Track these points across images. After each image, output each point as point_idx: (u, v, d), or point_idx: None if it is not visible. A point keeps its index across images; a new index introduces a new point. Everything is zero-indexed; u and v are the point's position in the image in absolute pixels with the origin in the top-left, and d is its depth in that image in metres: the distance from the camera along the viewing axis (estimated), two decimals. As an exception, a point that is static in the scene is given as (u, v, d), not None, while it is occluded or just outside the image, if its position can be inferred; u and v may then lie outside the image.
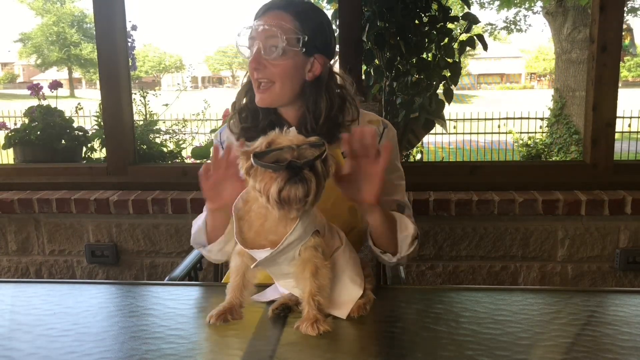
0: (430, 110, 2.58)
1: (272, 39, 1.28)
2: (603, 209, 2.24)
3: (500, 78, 35.88)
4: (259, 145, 0.99)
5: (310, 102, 1.34)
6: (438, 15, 2.59)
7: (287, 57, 1.29)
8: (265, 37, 1.28)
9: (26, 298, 1.22)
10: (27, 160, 2.74)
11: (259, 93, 1.32)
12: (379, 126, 1.41)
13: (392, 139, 1.44)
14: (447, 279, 2.39)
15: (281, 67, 1.30)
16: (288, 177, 0.94)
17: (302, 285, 1.03)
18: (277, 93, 1.32)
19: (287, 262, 1.04)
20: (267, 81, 1.31)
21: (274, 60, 1.29)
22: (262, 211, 1.01)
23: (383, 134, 1.41)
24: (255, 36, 1.30)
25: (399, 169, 1.44)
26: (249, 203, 1.04)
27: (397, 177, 1.42)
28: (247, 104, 1.40)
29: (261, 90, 1.32)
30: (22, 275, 2.56)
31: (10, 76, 37.38)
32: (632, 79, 28.15)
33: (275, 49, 1.28)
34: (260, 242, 1.02)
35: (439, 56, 2.59)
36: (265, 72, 1.30)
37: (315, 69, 1.33)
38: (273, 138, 0.99)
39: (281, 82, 1.31)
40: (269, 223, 1.01)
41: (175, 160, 2.99)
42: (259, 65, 1.29)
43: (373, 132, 1.14)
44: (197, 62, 41.46)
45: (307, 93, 1.34)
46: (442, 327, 0.99)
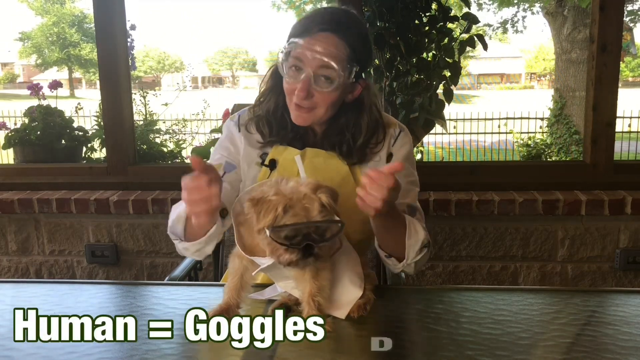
0: (430, 110, 2.58)
1: (325, 69, 1.21)
2: (603, 209, 2.24)
3: (500, 78, 35.87)
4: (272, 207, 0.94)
5: (351, 124, 1.31)
6: (438, 15, 2.59)
7: (337, 89, 1.24)
8: (317, 66, 1.21)
9: (26, 298, 1.22)
10: (27, 160, 2.74)
11: (300, 113, 1.26)
12: (395, 129, 1.38)
13: (407, 144, 1.40)
14: (447, 279, 2.39)
15: (330, 96, 1.25)
16: (302, 255, 0.95)
17: (302, 286, 1.03)
18: (319, 116, 1.27)
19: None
20: (310, 107, 1.25)
21: (325, 90, 1.23)
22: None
23: (398, 137, 1.39)
24: (305, 61, 1.22)
25: (412, 174, 1.41)
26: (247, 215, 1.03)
27: (409, 181, 1.39)
28: (274, 112, 1.33)
29: (304, 111, 1.25)
30: (22, 275, 2.56)
31: (10, 76, 37.38)
32: (632, 79, 28.15)
33: (327, 80, 1.22)
34: (261, 252, 1.02)
35: (439, 56, 2.59)
36: (311, 100, 1.24)
37: (355, 92, 1.30)
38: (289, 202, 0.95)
39: (325, 107, 1.26)
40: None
41: (175, 160, 2.98)
42: (308, 94, 1.23)
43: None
44: (197, 62, 41.49)
45: (347, 114, 1.30)
46: (442, 327, 0.99)
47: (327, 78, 1.22)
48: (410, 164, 1.40)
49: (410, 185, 1.39)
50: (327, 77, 1.22)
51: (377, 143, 1.34)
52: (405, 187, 1.36)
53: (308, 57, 1.21)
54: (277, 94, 1.33)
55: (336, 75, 1.22)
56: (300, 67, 1.22)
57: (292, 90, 1.25)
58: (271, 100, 1.33)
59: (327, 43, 1.21)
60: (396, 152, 1.38)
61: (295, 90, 1.23)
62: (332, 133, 1.32)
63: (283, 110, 1.31)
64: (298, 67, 1.23)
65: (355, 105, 1.31)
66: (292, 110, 1.28)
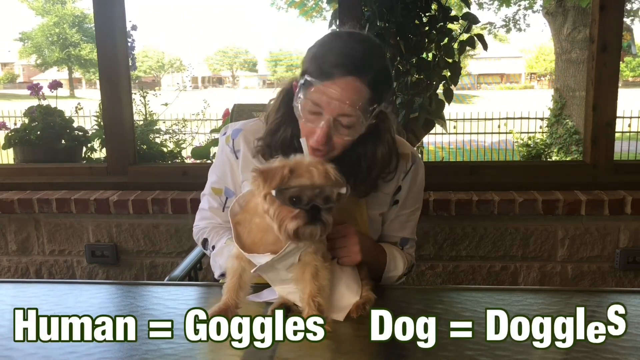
0: (430, 110, 2.58)
1: (345, 117, 1.15)
2: (603, 209, 2.24)
3: (500, 78, 35.88)
4: (278, 171, 0.96)
5: (368, 155, 1.25)
6: (438, 15, 2.59)
7: (357, 132, 1.18)
8: (337, 114, 1.14)
9: (26, 298, 1.22)
10: (27, 160, 2.74)
11: (316, 154, 1.15)
12: (407, 162, 1.35)
13: (417, 176, 1.38)
14: (447, 279, 2.39)
15: (349, 141, 1.19)
16: (308, 219, 0.95)
17: (301, 286, 1.03)
18: (335, 156, 1.20)
19: (286, 269, 1.04)
20: (328, 149, 1.19)
21: (344, 136, 1.18)
22: (264, 225, 1.01)
23: (409, 172, 1.36)
24: (325, 108, 1.14)
25: (418, 201, 1.41)
26: (249, 213, 1.04)
27: (411, 212, 1.40)
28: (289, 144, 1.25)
29: (320, 154, 1.17)
30: (22, 275, 2.56)
31: (10, 76, 37.38)
32: (632, 79, 28.14)
33: (347, 127, 1.16)
34: (259, 249, 1.02)
35: (439, 56, 2.59)
36: (329, 144, 1.18)
37: (372, 122, 1.21)
38: (294, 166, 0.97)
39: (342, 149, 1.21)
40: (270, 236, 1.01)
41: (175, 160, 2.98)
42: (329, 141, 1.16)
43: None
44: (197, 62, 41.50)
45: (363, 144, 1.24)
46: (442, 327, 0.99)
47: (348, 126, 1.16)
48: (417, 192, 1.40)
49: (411, 216, 1.41)
50: (348, 125, 1.16)
51: (390, 172, 1.31)
52: (404, 221, 1.40)
53: (328, 105, 1.14)
54: (289, 124, 1.26)
55: (357, 122, 1.16)
56: (319, 112, 1.16)
57: (310, 132, 1.18)
58: (284, 131, 1.27)
59: (347, 90, 1.13)
60: (404, 186, 1.37)
61: (313, 133, 1.17)
62: (346, 163, 1.22)
63: (296, 139, 1.24)
64: (316, 112, 1.16)
65: (371, 135, 1.24)
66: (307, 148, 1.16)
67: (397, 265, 1.33)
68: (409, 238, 1.42)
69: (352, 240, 1.16)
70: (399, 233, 1.40)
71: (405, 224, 1.40)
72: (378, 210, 1.35)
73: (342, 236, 1.16)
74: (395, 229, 1.39)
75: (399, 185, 1.36)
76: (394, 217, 1.39)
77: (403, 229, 1.40)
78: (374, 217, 1.35)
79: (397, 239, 1.40)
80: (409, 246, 1.42)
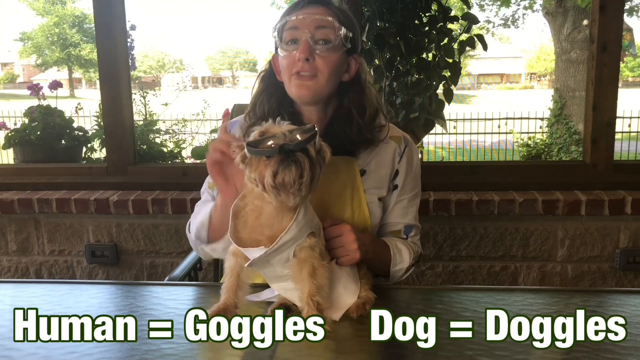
0: (430, 110, 2.58)
1: (322, 29, 1.24)
2: (603, 209, 2.24)
3: (500, 78, 35.88)
4: (253, 136, 0.99)
5: (355, 102, 1.30)
6: (438, 15, 2.59)
7: (335, 52, 1.25)
8: (315, 28, 1.24)
9: (26, 298, 1.22)
10: (27, 160, 2.74)
11: (303, 81, 1.24)
12: (399, 144, 1.38)
13: (413, 158, 1.40)
14: (447, 279, 2.39)
15: (330, 60, 1.25)
16: (281, 160, 0.94)
17: (300, 285, 1.03)
18: (321, 86, 1.25)
19: (281, 264, 1.04)
20: (311, 74, 1.24)
21: (324, 53, 1.24)
22: (258, 204, 1.01)
23: (404, 154, 1.38)
24: (301, 27, 1.24)
25: (416, 186, 1.42)
26: (245, 198, 1.04)
27: (411, 197, 1.41)
28: (272, 114, 1.27)
29: (306, 79, 1.24)
30: (22, 275, 2.56)
31: (10, 76, 37.39)
32: (632, 79, 28.14)
33: (326, 43, 1.24)
34: (255, 237, 1.02)
35: (439, 56, 2.59)
36: (313, 64, 1.23)
37: (351, 70, 1.31)
38: (267, 128, 1.00)
39: (327, 75, 1.25)
40: (264, 217, 1.01)
41: (175, 160, 2.99)
42: (311, 55, 1.23)
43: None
44: (197, 62, 41.50)
45: (349, 94, 1.31)
46: (442, 327, 0.99)
47: (325, 41, 1.24)
48: (415, 176, 1.41)
49: (412, 202, 1.41)
50: (325, 40, 1.24)
51: (382, 127, 1.34)
52: (405, 206, 1.40)
53: (304, 21, 1.24)
54: (270, 94, 1.33)
55: (333, 35, 1.24)
56: (297, 37, 1.24)
57: (292, 61, 1.25)
58: (265, 102, 1.33)
59: (318, 11, 1.25)
60: (401, 169, 1.38)
61: (295, 60, 1.24)
62: (339, 117, 1.31)
63: (280, 110, 1.30)
64: (294, 40, 1.25)
65: (353, 84, 1.32)
66: (293, 86, 1.26)
67: (403, 257, 1.32)
68: (412, 225, 1.40)
69: (349, 239, 1.16)
70: (402, 219, 1.39)
71: (407, 209, 1.39)
72: (377, 193, 1.34)
73: (338, 235, 1.16)
74: (398, 216, 1.39)
75: (396, 169, 1.37)
76: (395, 202, 1.38)
77: (405, 214, 1.39)
78: (373, 202, 1.34)
79: (401, 226, 1.39)
80: (413, 234, 1.41)
